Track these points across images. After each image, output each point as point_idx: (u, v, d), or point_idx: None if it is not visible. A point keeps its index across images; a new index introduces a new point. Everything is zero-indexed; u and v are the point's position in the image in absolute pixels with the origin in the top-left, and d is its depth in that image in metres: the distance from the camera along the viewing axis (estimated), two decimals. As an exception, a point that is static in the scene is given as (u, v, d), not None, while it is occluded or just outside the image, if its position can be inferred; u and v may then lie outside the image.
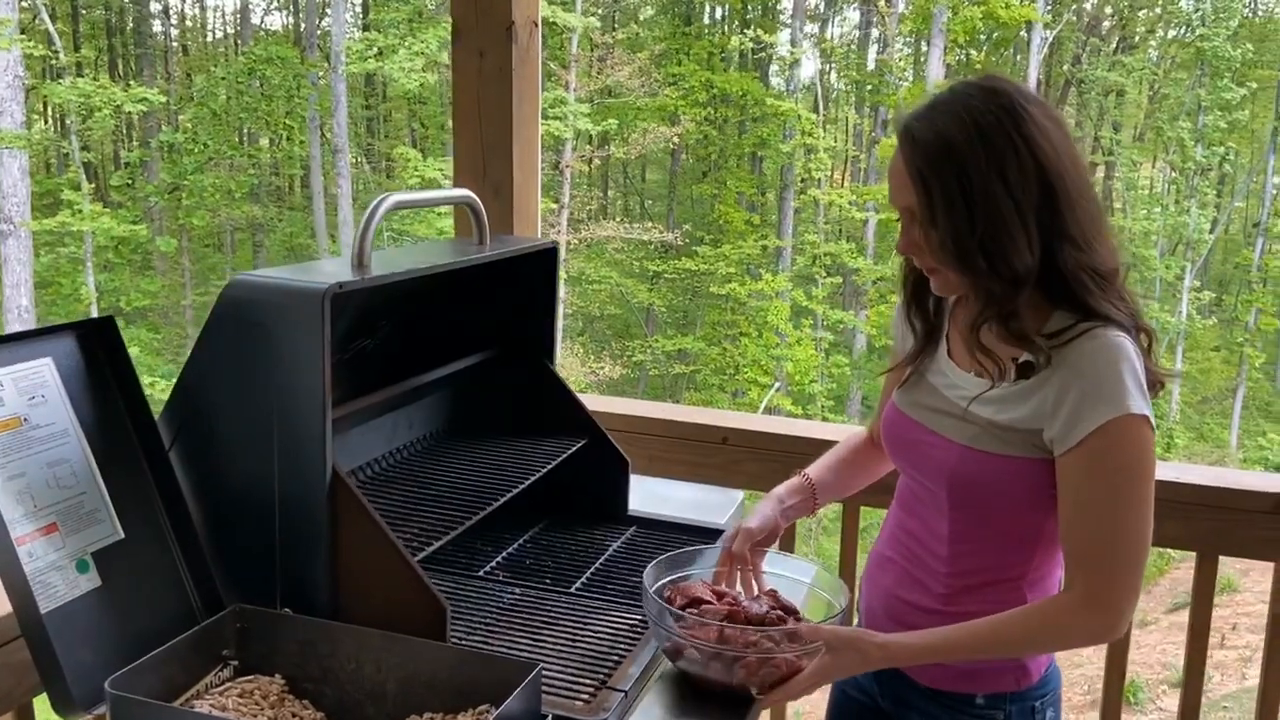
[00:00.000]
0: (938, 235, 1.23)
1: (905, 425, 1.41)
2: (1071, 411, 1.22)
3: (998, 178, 1.19)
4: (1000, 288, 1.22)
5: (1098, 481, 1.22)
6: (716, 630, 1.29)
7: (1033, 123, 1.21)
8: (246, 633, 1.29)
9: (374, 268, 1.37)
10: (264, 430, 1.28)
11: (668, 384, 17.34)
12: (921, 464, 1.38)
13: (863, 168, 19.79)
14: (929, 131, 1.23)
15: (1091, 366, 1.21)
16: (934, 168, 1.21)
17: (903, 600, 1.40)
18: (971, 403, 1.31)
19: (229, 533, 1.33)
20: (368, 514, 1.28)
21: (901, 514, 1.45)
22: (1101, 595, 1.23)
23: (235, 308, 1.27)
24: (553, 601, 1.56)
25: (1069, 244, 1.22)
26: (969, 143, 1.20)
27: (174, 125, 18.31)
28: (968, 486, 1.31)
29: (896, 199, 1.28)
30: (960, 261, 1.23)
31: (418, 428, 1.77)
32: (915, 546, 1.41)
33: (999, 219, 1.20)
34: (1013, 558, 1.34)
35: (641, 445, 2.17)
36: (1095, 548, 1.23)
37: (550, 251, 1.80)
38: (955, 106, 1.23)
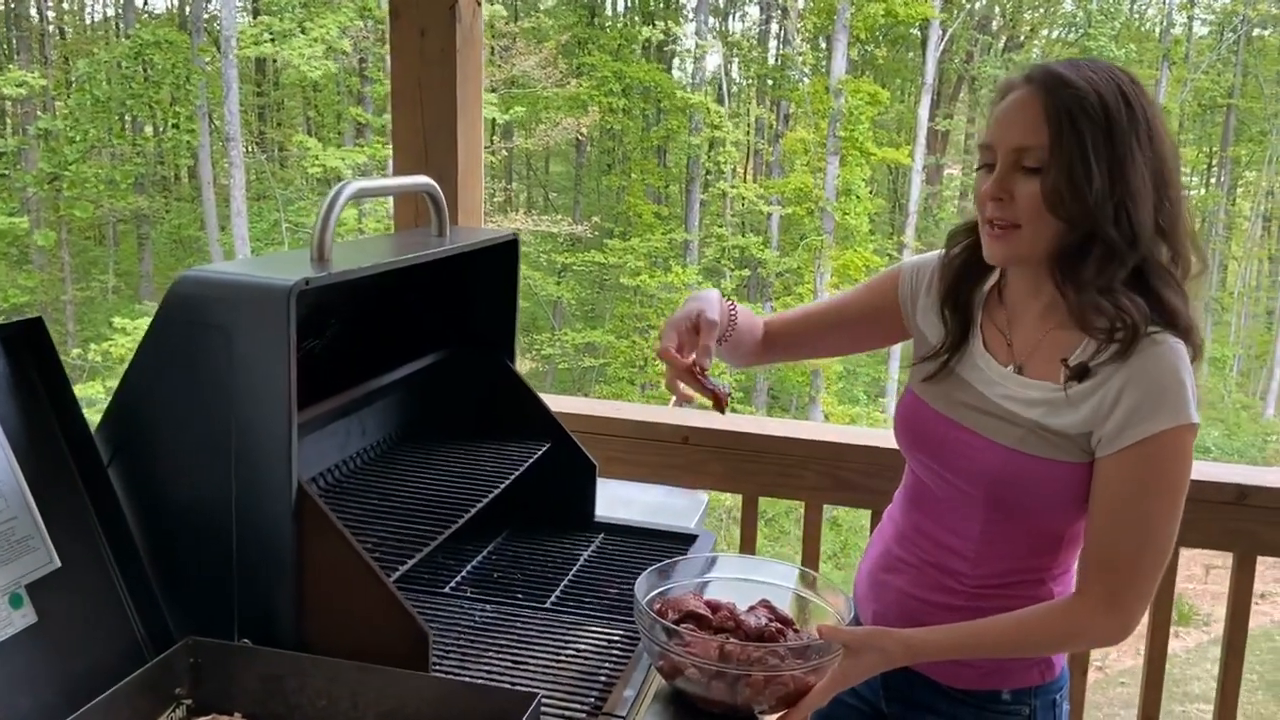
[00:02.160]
0: (1061, 182, 1.18)
1: (935, 421, 1.35)
2: (1129, 414, 1.19)
3: (1135, 143, 1.19)
4: (1123, 241, 1.19)
5: (1140, 489, 1.20)
6: (717, 647, 1.21)
7: (1157, 113, 1.23)
8: (201, 668, 1.16)
9: (334, 262, 1.25)
10: (220, 442, 1.15)
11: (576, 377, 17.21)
12: (954, 463, 1.32)
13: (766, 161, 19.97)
14: (1081, 80, 1.20)
15: (1156, 370, 1.19)
16: (1083, 113, 1.18)
17: (921, 600, 1.34)
18: (1026, 406, 1.27)
19: (178, 557, 1.20)
20: (338, 532, 1.16)
21: (916, 513, 1.39)
22: (1121, 600, 1.21)
23: (186, 308, 1.14)
24: (528, 618, 1.47)
25: (1161, 235, 1.21)
26: (1117, 103, 1.19)
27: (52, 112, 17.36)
28: (1009, 489, 1.27)
29: (1013, 137, 1.22)
30: (1093, 210, 1.18)
31: (371, 433, 1.65)
32: (935, 546, 1.36)
33: (1131, 179, 1.18)
34: (1042, 555, 1.32)
35: (601, 446, 2.07)
36: (1123, 554, 1.21)
37: (512, 243, 1.70)
38: (1102, 72, 1.21)
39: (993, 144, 1.24)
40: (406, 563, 1.29)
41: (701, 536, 1.74)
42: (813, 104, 16.35)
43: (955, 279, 1.37)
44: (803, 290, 15.73)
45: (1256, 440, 17.59)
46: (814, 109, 16.35)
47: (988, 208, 1.24)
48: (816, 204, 15.29)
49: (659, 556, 1.66)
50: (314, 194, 17.20)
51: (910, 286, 1.46)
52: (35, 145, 16.96)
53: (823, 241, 15.17)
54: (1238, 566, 1.91)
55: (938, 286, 1.39)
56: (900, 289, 1.47)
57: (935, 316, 1.40)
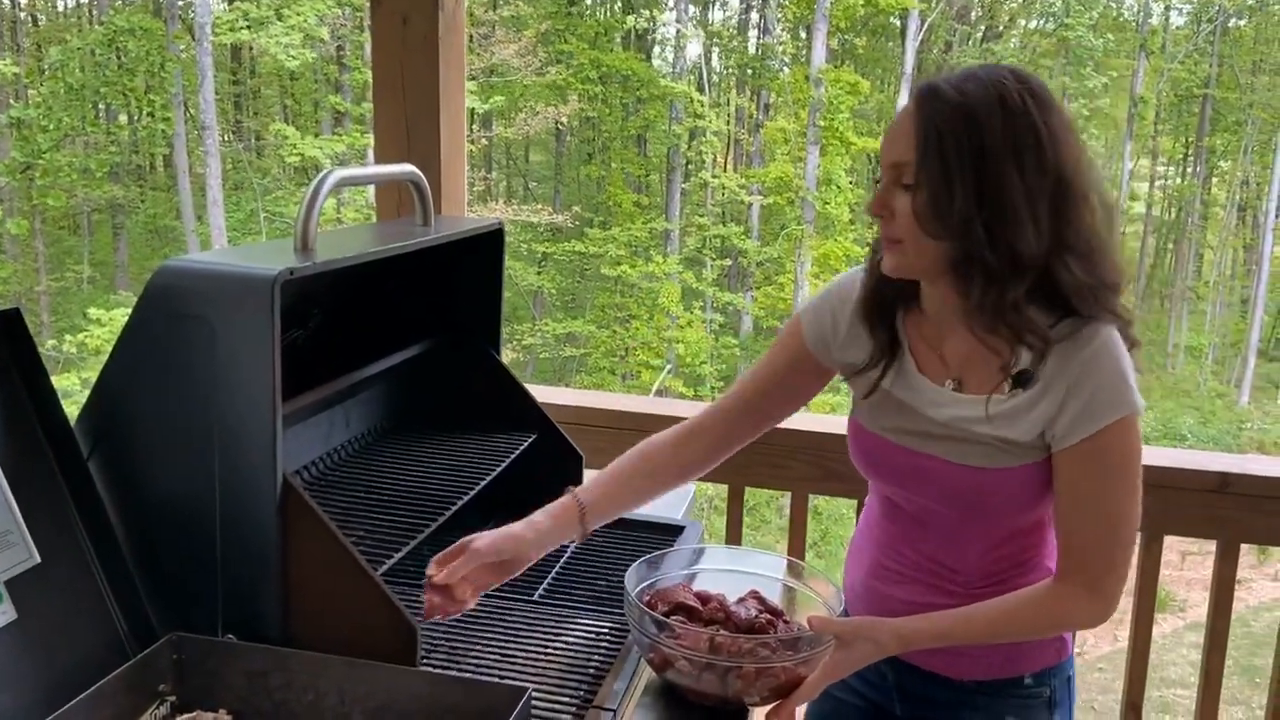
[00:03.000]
0: (928, 199, 1.16)
1: (894, 452, 1.33)
2: (1081, 410, 1.20)
3: (1014, 161, 1.15)
4: (998, 264, 1.16)
5: (1102, 477, 1.21)
6: (708, 639, 1.21)
7: (1056, 119, 1.18)
8: (185, 664, 1.14)
9: (319, 251, 1.23)
10: (202, 435, 1.13)
11: (557, 367, 17.17)
12: (924, 489, 1.32)
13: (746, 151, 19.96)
14: (954, 93, 1.17)
15: (1098, 366, 1.19)
16: (950, 129, 1.15)
17: (925, 605, 1.33)
18: (976, 423, 1.26)
19: (161, 552, 1.18)
20: (324, 526, 1.14)
21: (893, 526, 1.39)
22: (1102, 583, 1.23)
23: (168, 299, 1.12)
24: (516, 611, 1.45)
25: (1070, 251, 1.18)
26: (991, 116, 1.15)
27: (25, 100, 17.12)
28: (981, 502, 1.28)
29: (891, 152, 1.21)
30: (959, 229, 1.15)
31: (355, 425, 1.63)
32: (921, 554, 1.35)
33: (1007, 201, 1.15)
34: (1027, 541, 1.33)
35: (585, 437, 2.06)
36: (1097, 539, 1.22)
37: (497, 232, 1.68)
38: (986, 80, 1.17)
39: (881, 158, 1.24)
40: (393, 556, 1.28)
41: (689, 527, 1.73)
42: (793, 93, 16.36)
43: (876, 290, 1.33)
44: (783, 279, 15.76)
45: (1231, 428, 17.78)
46: (794, 98, 16.35)
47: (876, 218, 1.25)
48: (797, 193, 15.31)
49: (647, 548, 1.65)
50: (292, 183, 17.06)
51: (817, 329, 1.40)
52: (8, 134, 16.74)
53: (803, 231, 15.19)
54: (1221, 555, 1.92)
55: (859, 301, 1.35)
56: (807, 337, 1.41)
57: (862, 336, 1.36)
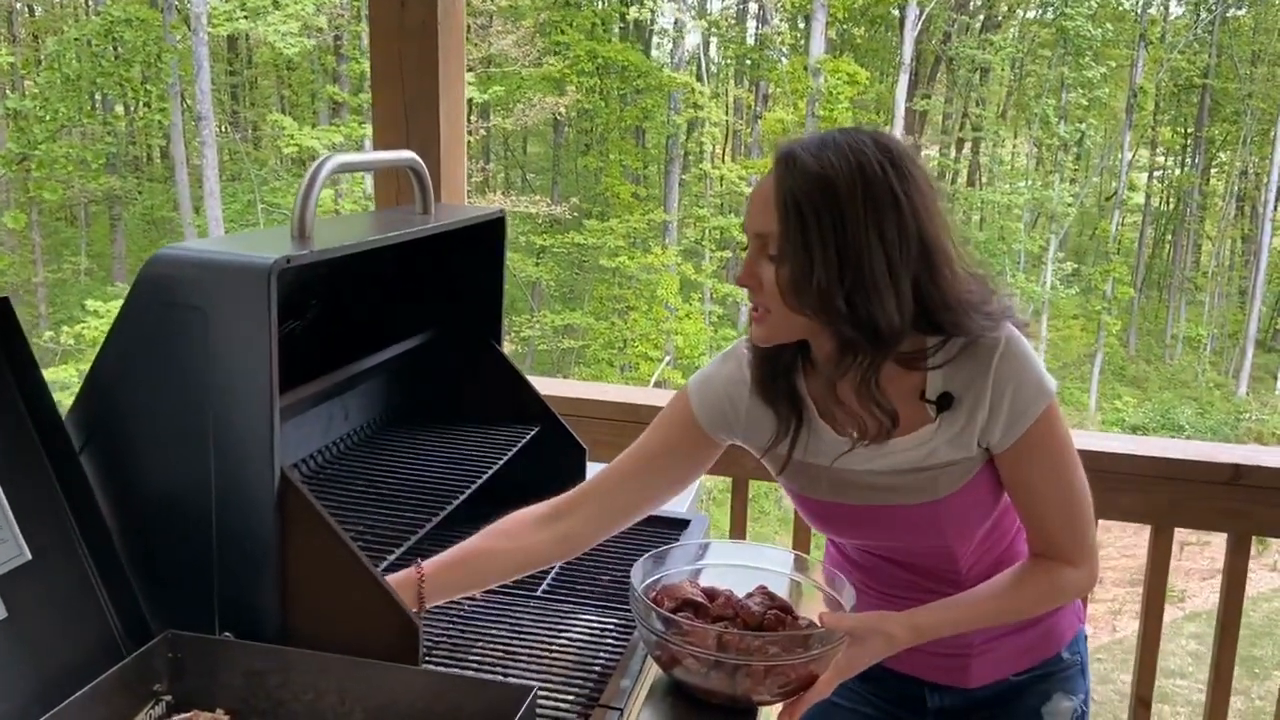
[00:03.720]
0: (790, 272, 1.15)
1: (853, 514, 1.32)
2: (1011, 413, 1.22)
3: (875, 231, 1.13)
4: (859, 336, 1.15)
5: (1047, 463, 1.25)
6: (715, 636, 1.18)
7: (916, 185, 1.16)
8: (181, 663, 1.11)
9: (317, 240, 1.20)
10: (197, 428, 1.10)
11: (556, 359, 17.15)
12: (899, 535, 1.32)
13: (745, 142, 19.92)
14: (813, 163, 1.14)
15: (1011, 366, 1.21)
16: (809, 201, 1.13)
17: None
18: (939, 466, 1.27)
19: (156, 548, 1.15)
20: (323, 521, 1.11)
21: (873, 565, 1.39)
22: (1081, 552, 1.29)
23: (161, 289, 1.09)
24: (519, 607, 1.43)
25: (943, 308, 1.18)
26: (851, 187, 1.13)
27: (21, 91, 17.04)
28: (949, 527, 1.30)
29: (755, 223, 1.19)
30: (819, 303, 1.14)
31: (355, 418, 1.60)
32: (919, 582, 1.36)
33: (867, 272, 1.13)
34: (1007, 529, 1.37)
35: (586, 429, 2.03)
36: (1063, 516, 1.27)
37: (499, 221, 1.65)
38: (844, 148, 1.15)
39: (746, 226, 1.22)
40: (394, 551, 1.25)
41: (694, 520, 1.70)
42: (791, 84, 16.31)
43: (770, 365, 1.30)
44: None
45: (1229, 419, 17.79)
46: (792, 89, 16.31)
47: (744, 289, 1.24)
48: (796, 185, 15.25)
49: (652, 542, 1.63)
50: (289, 174, 16.98)
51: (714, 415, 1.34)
52: (4, 125, 16.65)
53: (802, 222, 15.13)
54: (1232, 548, 1.90)
55: (754, 382, 1.30)
56: (703, 423, 1.35)
57: (763, 414, 1.31)
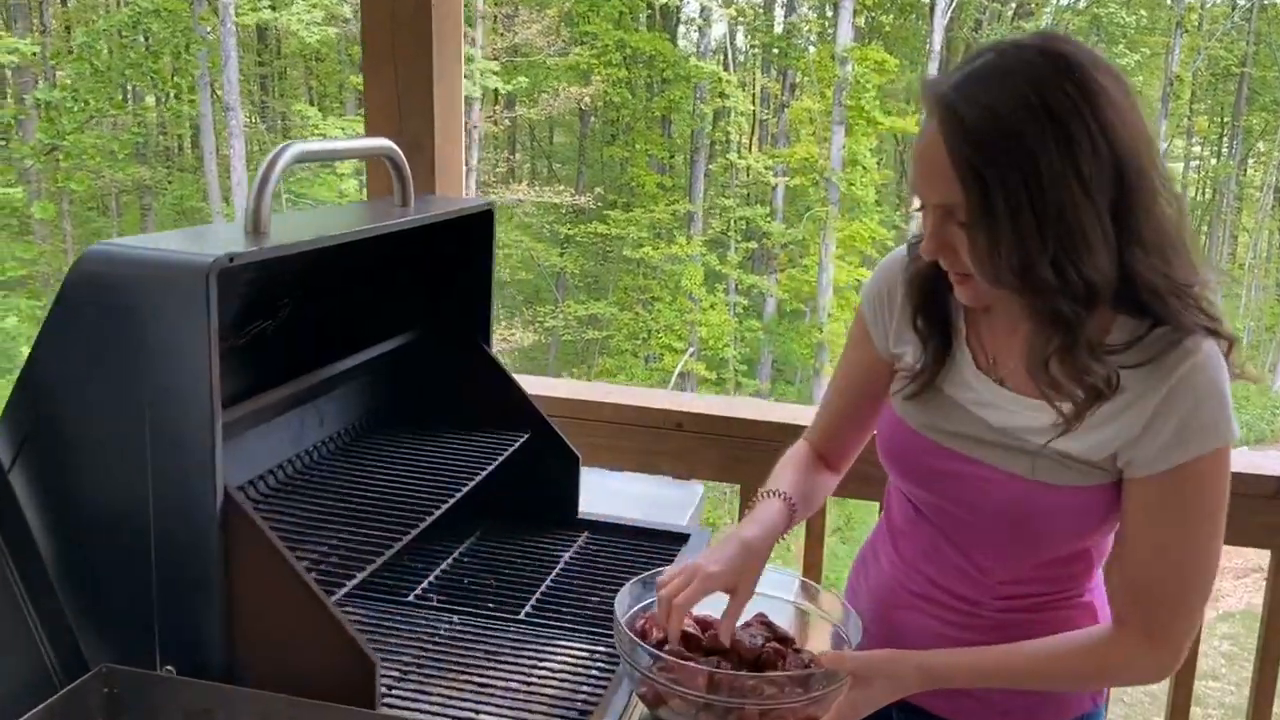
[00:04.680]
0: (986, 243, 0.99)
1: (933, 454, 1.18)
2: (1170, 437, 1.03)
3: (1073, 174, 0.95)
4: (1072, 308, 0.99)
5: (1183, 514, 1.05)
6: (705, 676, 1.07)
7: (1109, 101, 0.97)
8: (118, 700, 1.01)
9: (274, 234, 1.10)
10: (134, 444, 1.00)
11: (580, 350, 17.06)
12: (962, 498, 1.17)
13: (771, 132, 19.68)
14: (982, 111, 0.96)
15: (1195, 387, 1.02)
16: (992, 160, 0.96)
17: (941, 636, 1.19)
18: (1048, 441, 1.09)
19: (91, 573, 1.05)
20: (271, 546, 1.01)
21: (916, 542, 1.23)
22: (1166, 632, 1.07)
23: (94, 287, 0.98)
24: (499, 631, 1.32)
25: (1142, 249, 1.00)
26: (1038, 128, 0.95)
27: (51, 81, 17.12)
28: (1027, 521, 1.12)
29: (929, 193, 1.03)
30: (1020, 276, 0.99)
31: (330, 424, 1.50)
32: (946, 576, 1.20)
33: (1075, 226, 0.96)
34: (1072, 574, 1.18)
35: (586, 433, 1.93)
36: (1167, 583, 1.07)
37: (486, 214, 1.54)
38: (1015, 78, 0.97)
39: (918, 193, 1.06)
40: (355, 577, 1.14)
41: (695, 535, 1.59)
42: (818, 72, 16.08)
43: (924, 285, 1.17)
44: (808, 262, 15.53)
45: (1265, 414, 17.41)
46: (819, 77, 16.08)
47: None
48: (822, 175, 15.06)
49: (648, 558, 1.52)
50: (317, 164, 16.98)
51: (875, 312, 1.26)
52: (35, 115, 16.75)
53: (828, 213, 14.94)
54: (1275, 569, 1.76)
55: (904, 296, 1.19)
56: (870, 325, 1.27)
57: (908, 330, 1.21)
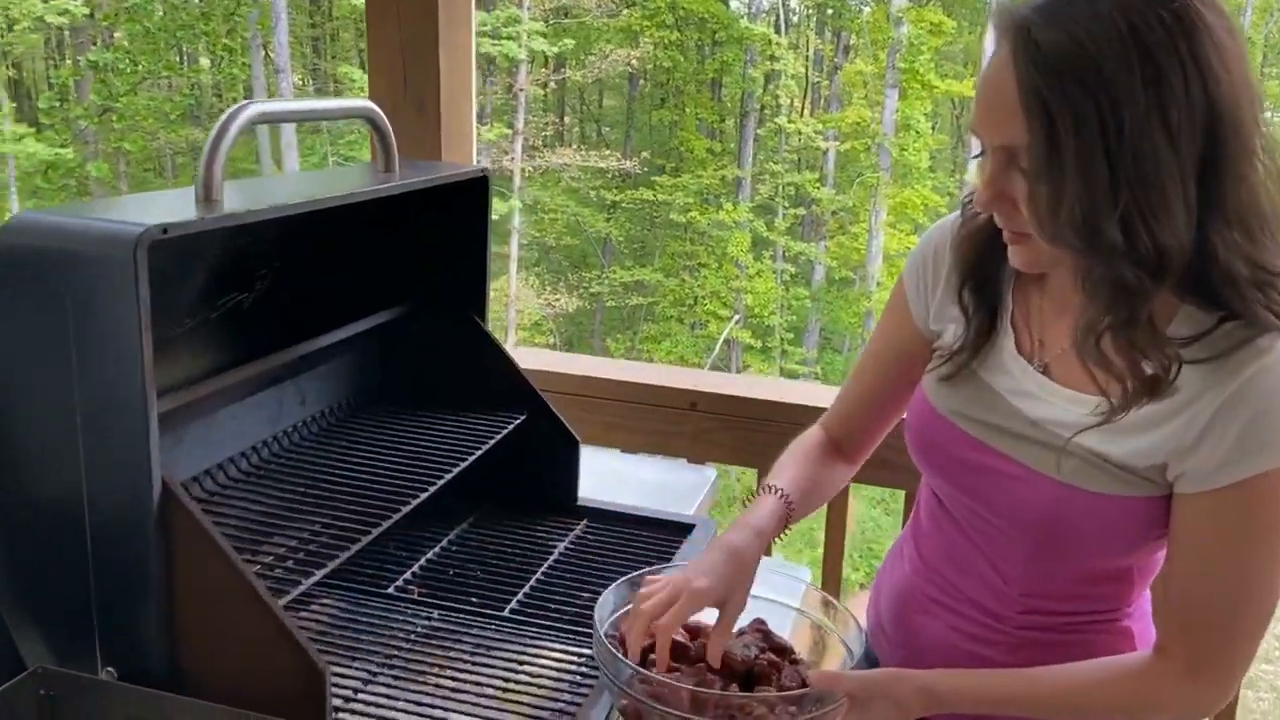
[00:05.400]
0: (1049, 193, 0.85)
1: (961, 443, 1.06)
2: (1229, 449, 0.89)
3: (1159, 119, 0.82)
4: (1136, 276, 0.85)
5: (1241, 537, 0.92)
6: (689, 694, 0.97)
7: (1211, 39, 0.83)
8: (55, 703, 0.94)
9: (228, 201, 1.01)
10: (64, 430, 0.92)
11: (625, 316, 16.96)
12: (988, 498, 1.05)
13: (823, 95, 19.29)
14: (1060, 36, 0.82)
15: (1262, 394, 0.88)
16: (1065, 94, 0.82)
17: (956, 650, 1.08)
18: (1075, 434, 0.97)
19: (27, 568, 0.98)
20: (214, 545, 0.93)
21: (940, 543, 1.12)
22: (1212, 666, 0.95)
23: (17, 260, 0.90)
24: (480, 629, 1.24)
25: (1226, 222, 0.85)
26: (1123, 61, 0.81)
27: (105, 42, 17.29)
28: (1059, 528, 0.99)
29: (990, 132, 0.90)
30: (1083, 235, 0.85)
31: (313, 403, 1.42)
32: (968, 582, 1.09)
33: (1153, 181, 0.82)
34: (1108, 593, 1.06)
35: (595, 411, 1.84)
36: (1217, 612, 0.94)
37: (480, 181, 1.44)
38: (1104, 3, 0.83)
39: (978, 133, 0.92)
40: (323, 568, 1.06)
41: (700, 526, 1.49)
42: (873, 34, 15.68)
43: (975, 251, 1.05)
44: (858, 229, 15.24)
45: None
46: (874, 39, 15.67)
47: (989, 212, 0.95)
48: (874, 139, 14.72)
49: (648, 550, 1.43)
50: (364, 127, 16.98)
51: (918, 281, 1.14)
52: (90, 77, 16.95)
53: (880, 179, 14.63)
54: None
55: (952, 263, 1.07)
56: (910, 296, 1.15)
57: (952, 304, 1.09)
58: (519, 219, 14.74)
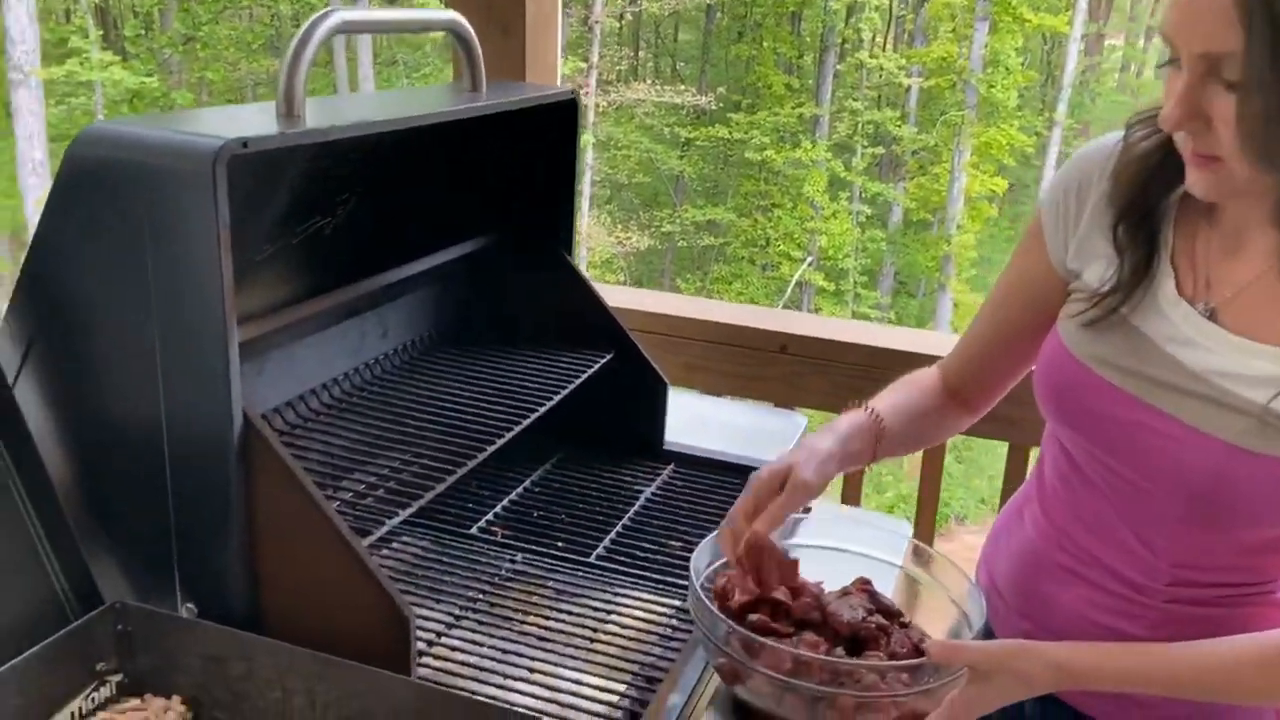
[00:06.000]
0: (1262, 107, 0.75)
1: (1103, 396, 0.96)
2: None
3: None
4: None
5: None
6: (792, 659, 0.90)
7: None
8: (130, 639, 0.91)
9: (311, 118, 0.94)
10: (143, 356, 0.88)
11: (696, 256, 16.79)
12: (1140, 460, 0.94)
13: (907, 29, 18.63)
14: None
15: None
16: None
17: (1097, 625, 0.99)
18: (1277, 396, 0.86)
19: (107, 500, 0.95)
20: (295, 481, 0.88)
21: (1073, 504, 1.02)
22: None
23: (91, 176, 0.85)
24: (565, 575, 1.18)
25: None
26: None
27: (185, -29, 17.42)
28: (1222, 495, 0.90)
29: (1190, 37, 0.79)
30: None
31: (394, 336, 1.37)
32: (1108, 556, 0.99)
33: None
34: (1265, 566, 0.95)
35: (679, 352, 1.76)
36: None
37: (569, 104, 1.35)
38: None
39: (1173, 40, 0.81)
40: (408, 508, 1.02)
41: (793, 475, 1.41)
42: (963, -37, 15.03)
43: (1139, 178, 0.93)
44: (939, 170, 14.79)
45: None
46: (964, -30, 15.03)
47: (1177, 132, 0.84)
48: (960, 76, 14.18)
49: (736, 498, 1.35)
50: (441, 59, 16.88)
51: (1058, 213, 1.02)
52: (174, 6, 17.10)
53: (964, 117, 14.12)
54: None
55: (1108, 193, 0.95)
56: (1048, 230, 1.03)
57: (1101, 239, 0.97)
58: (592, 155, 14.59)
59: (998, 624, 1.09)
